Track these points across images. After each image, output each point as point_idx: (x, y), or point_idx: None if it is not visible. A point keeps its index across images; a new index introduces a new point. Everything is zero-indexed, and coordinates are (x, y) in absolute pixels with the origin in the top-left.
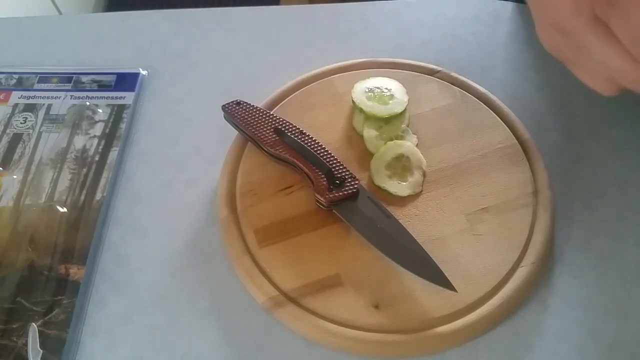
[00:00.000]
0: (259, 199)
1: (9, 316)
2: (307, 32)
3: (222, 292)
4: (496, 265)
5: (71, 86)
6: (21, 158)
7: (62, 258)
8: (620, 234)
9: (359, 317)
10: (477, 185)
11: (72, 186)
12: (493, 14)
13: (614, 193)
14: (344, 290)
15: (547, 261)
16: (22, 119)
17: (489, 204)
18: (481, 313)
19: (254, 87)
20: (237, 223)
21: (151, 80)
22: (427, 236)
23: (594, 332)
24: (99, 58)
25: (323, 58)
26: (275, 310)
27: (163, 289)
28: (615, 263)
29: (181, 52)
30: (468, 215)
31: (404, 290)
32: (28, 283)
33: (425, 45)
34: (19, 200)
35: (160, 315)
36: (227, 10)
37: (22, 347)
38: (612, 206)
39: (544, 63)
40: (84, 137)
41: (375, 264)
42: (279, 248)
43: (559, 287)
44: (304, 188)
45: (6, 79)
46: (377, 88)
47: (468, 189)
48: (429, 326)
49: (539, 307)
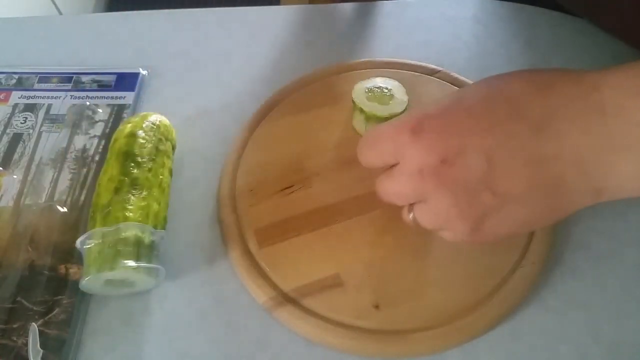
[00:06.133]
0: (259, 199)
1: (9, 316)
2: (307, 32)
3: (222, 292)
4: (496, 265)
5: (71, 86)
6: (21, 158)
7: (62, 258)
8: (620, 234)
9: (359, 317)
10: None
11: (72, 186)
12: (493, 14)
13: None
14: (344, 290)
15: (547, 261)
16: (22, 118)
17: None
18: (481, 313)
19: (254, 87)
20: (237, 223)
21: (151, 80)
22: (427, 236)
23: (594, 332)
24: (99, 58)
25: (323, 58)
26: (275, 310)
27: (163, 289)
28: (615, 263)
29: (181, 52)
30: None
31: (404, 290)
32: (28, 283)
33: (425, 45)
34: (19, 200)
35: (160, 315)
36: (227, 10)
37: (22, 346)
38: (612, 206)
39: (544, 63)
40: (84, 137)
41: (375, 264)
42: (279, 248)
43: (559, 287)
44: (304, 188)
45: (6, 79)
46: (377, 88)
47: None
48: (429, 326)
49: (539, 307)
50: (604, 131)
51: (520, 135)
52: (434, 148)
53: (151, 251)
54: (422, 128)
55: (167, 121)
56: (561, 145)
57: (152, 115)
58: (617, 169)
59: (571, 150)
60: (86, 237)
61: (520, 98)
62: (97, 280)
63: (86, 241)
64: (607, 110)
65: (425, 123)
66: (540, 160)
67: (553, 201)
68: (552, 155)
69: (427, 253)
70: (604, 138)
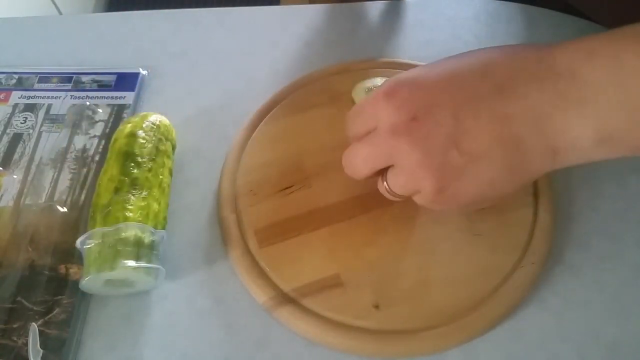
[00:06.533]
0: (259, 199)
1: (9, 316)
2: (307, 32)
3: (222, 292)
4: (496, 265)
5: (71, 86)
6: (21, 158)
7: (62, 258)
8: (620, 234)
9: (359, 317)
10: None
11: (72, 186)
12: (493, 14)
13: (614, 193)
14: (344, 290)
15: (547, 261)
16: (22, 118)
17: (490, 204)
18: (481, 313)
19: (254, 87)
20: (237, 223)
21: (151, 80)
22: (427, 236)
23: (594, 332)
24: (99, 58)
25: (323, 58)
26: (275, 310)
27: (163, 289)
28: (615, 263)
29: (181, 52)
30: (468, 215)
31: (404, 290)
32: (28, 283)
33: (425, 45)
34: (19, 200)
35: (160, 315)
36: (227, 10)
37: (23, 346)
38: (612, 206)
39: None
40: (84, 137)
41: (375, 264)
42: (279, 248)
43: (559, 287)
44: (304, 188)
45: (6, 79)
46: (377, 88)
47: None
48: (429, 326)
49: (539, 307)
50: (557, 92)
51: (485, 96)
52: (404, 107)
53: (151, 251)
54: (395, 91)
55: (167, 121)
56: (521, 105)
57: (152, 115)
58: (569, 127)
59: (529, 110)
60: (86, 237)
61: (488, 62)
62: (97, 280)
63: (86, 241)
64: (560, 72)
65: (398, 87)
66: (502, 119)
67: (513, 160)
68: (512, 114)
69: (427, 253)
70: (558, 98)
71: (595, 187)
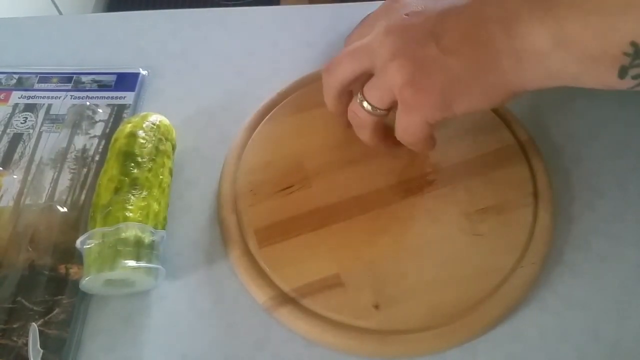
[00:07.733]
0: (259, 199)
1: (9, 316)
2: (307, 32)
3: (222, 292)
4: (496, 265)
5: (71, 86)
6: (21, 158)
7: (62, 258)
8: (620, 234)
9: (359, 317)
10: (477, 186)
11: (72, 186)
12: None
13: (614, 193)
14: (344, 290)
15: (547, 261)
16: (22, 119)
17: (489, 204)
18: (481, 313)
19: (254, 87)
20: (237, 223)
21: (151, 80)
22: (427, 236)
23: (594, 332)
24: (99, 58)
25: (323, 58)
26: (275, 310)
27: (163, 289)
28: (615, 263)
29: (181, 52)
30: (468, 215)
31: (404, 290)
32: (28, 283)
33: None
34: (19, 200)
35: (160, 315)
36: (227, 10)
37: (23, 346)
38: (612, 206)
39: None
40: (84, 137)
41: (375, 264)
42: (279, 248)
43: (559, 287)
44: (304, 188)
45: (6, 79)
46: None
47: (468, 189)
48: (429, 326)
49: (539, 307)
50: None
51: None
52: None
53: (151, 251)
54: (392, 6)
55: (167, 121)
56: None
57: (152, 115)
58: (532, 30)
59: (504, 11)
60: (86, 237)
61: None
62: (97, 280)
63: (86, 241)
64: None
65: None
66: (480, 19)
67: (481, 57)
68: (489, 16)
69: (427, 253)
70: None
71: (595, 187)
